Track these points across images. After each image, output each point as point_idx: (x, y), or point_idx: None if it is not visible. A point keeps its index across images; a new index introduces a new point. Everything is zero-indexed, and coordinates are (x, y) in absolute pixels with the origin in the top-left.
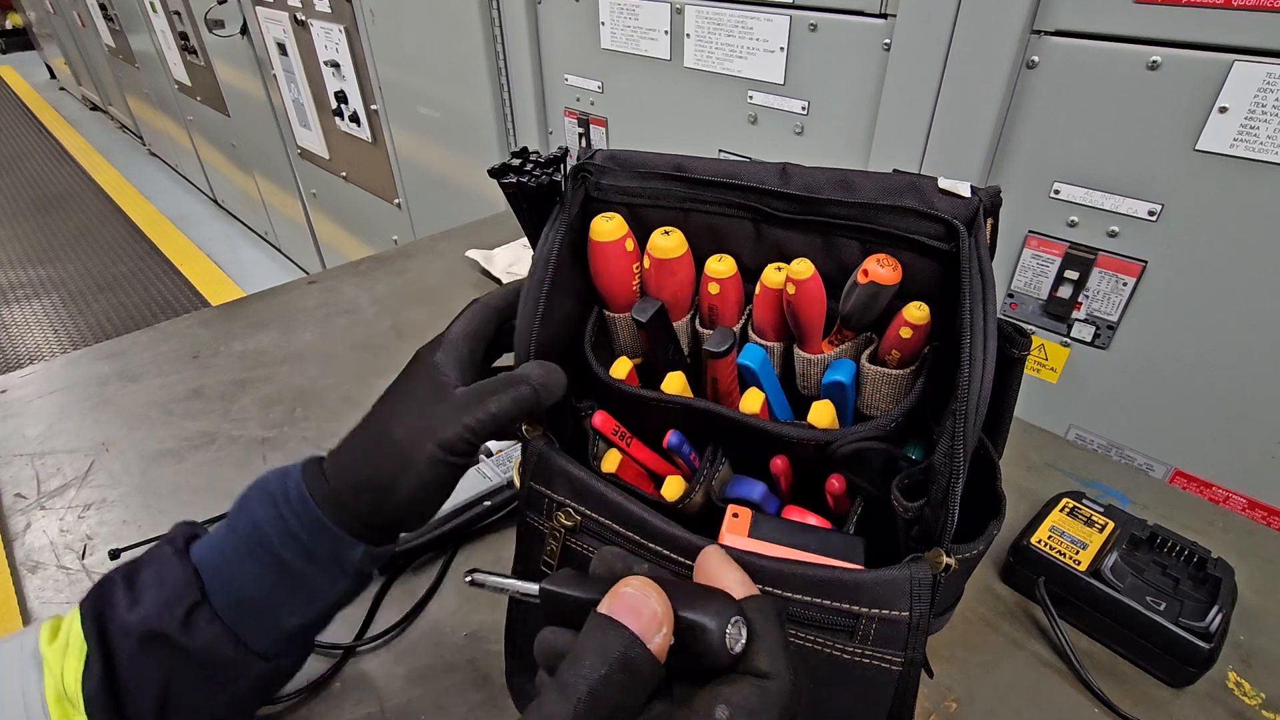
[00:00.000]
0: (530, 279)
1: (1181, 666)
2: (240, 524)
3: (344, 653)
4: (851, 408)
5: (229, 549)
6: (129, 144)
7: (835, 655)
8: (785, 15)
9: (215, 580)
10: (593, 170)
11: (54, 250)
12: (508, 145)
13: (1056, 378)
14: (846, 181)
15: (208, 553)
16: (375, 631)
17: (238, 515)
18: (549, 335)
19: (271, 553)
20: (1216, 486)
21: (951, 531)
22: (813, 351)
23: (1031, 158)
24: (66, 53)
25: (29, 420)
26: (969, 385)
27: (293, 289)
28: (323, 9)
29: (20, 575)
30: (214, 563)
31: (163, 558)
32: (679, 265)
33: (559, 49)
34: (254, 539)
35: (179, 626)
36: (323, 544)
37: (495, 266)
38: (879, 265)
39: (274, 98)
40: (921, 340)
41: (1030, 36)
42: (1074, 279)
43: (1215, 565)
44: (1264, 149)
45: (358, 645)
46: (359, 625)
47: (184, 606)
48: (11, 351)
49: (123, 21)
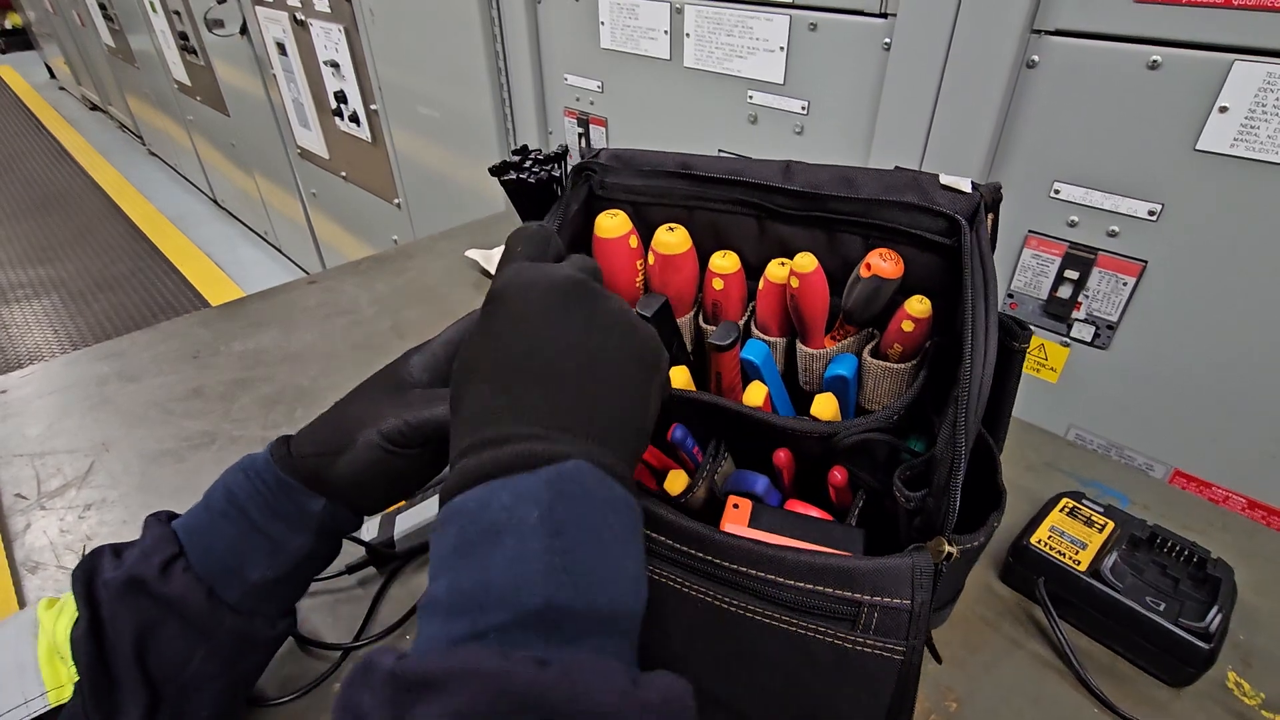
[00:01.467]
0: None
1: (1181, 667)
2: (215, 494)
3: (343, 653)
4: (853, 402)
5: (203, 513)
6: (129, 144)
7: (837, 644)
8: (785, 15)
9: (190, 538)
10: (597, 169)
11: (54, 250)
12: (508, 145)
13: (1056, 378)
14: (849, 178)
15: (186, 519)
16: (375, 631)
17: (213, 489)
18: None
19: (240, 509)
20: (1216, 486)
21: (954, 520)
22: (815, 346)
23: (1031, 157)
24: (66, 52)
25: (29, 420)
26: (970, 373)
27: (293, 289)
28: (323, 9)
29: (20, 575)
30: (190, 525)
31: (145, 525)
32: (683, 261)
33: (559, 49)
34: (226, 500)
35: (156, 574)
36: (284, 499)
37: (495, 266)
38: (881, 260)
39: (274, 97)
40: (923, 334)
41: (1030, 36)
42: (1074, 279)
43: (1215, 565)
44: (1264, 149)
45: (357, 645)
46: (358, 625)
47: (162, 556)
48: (11, 351)
49: (122, 21)
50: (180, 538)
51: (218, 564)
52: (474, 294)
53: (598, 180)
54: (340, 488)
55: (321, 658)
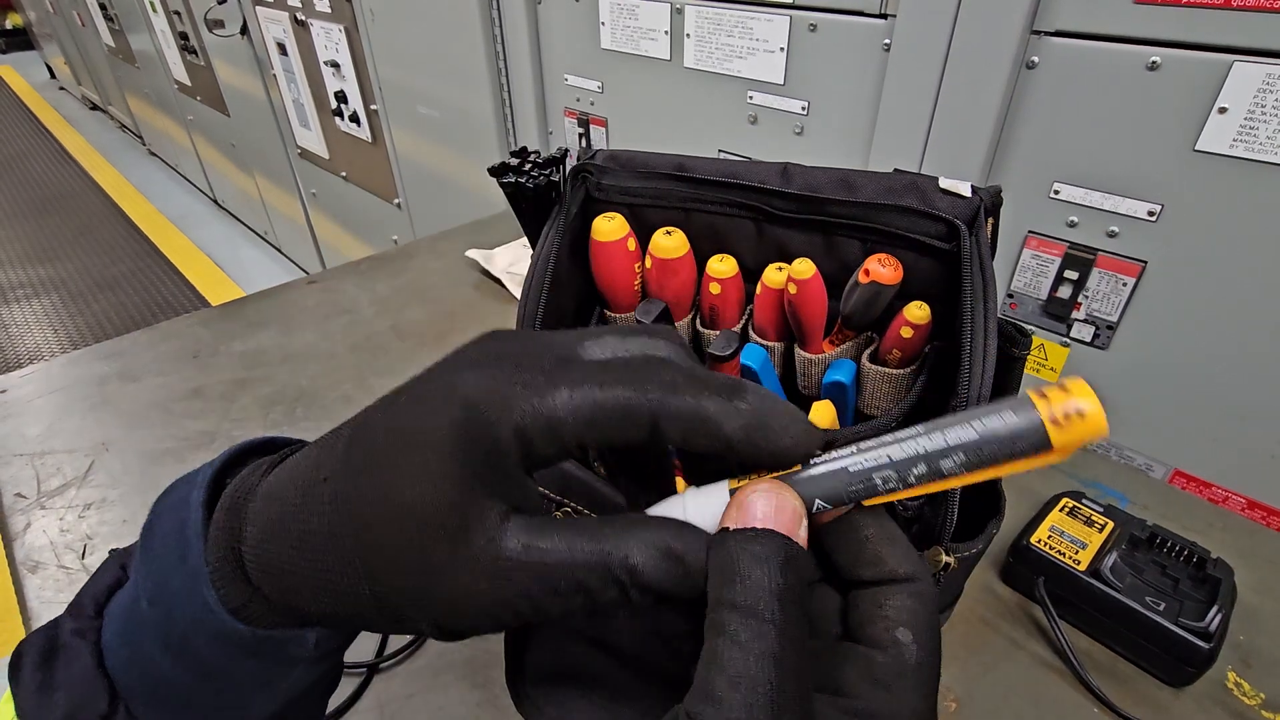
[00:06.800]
0: (530, 279)
1: (1181, 666)
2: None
3: (368, 670)
4: (852, 407)
5: (135, 628)
6: (129, 144)
7: None
8: (785, 15)
9: (127, 678)
10: (594, 170)
11: (54, 250)
12: (508, 145)
13: (1056, 378)
14: (848, 181)
15: (116, 637)
16: (396, 646)
17: (142, 564)
18: None
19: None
20: (1216, 486)
21: (951, 529)
22: (814, 351)
23: (1031, 158)
24: (66, 52)
25: (29, 420)
26: (969, 383)
27: (293, 289)
28: (323, 9)
29: (20, 575)
30: (124, 655)
31: (71, 650)
32: (681, 265)
33: (559, 49)
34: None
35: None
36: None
37: (495, 266)
38: (880, 265)
39: (274, 98)
40: (922, 340)
41: (1030, 37)
42: (1074, 279)
43: (1215, 565)
44: (1264, 149)
45: (380, 661)
46: (378, 641)
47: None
48: (11, 351)
49: (122, 21)
50: (112, 676)
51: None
52: (474, 294)
53: (594, 182)
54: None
55: (347, 676)
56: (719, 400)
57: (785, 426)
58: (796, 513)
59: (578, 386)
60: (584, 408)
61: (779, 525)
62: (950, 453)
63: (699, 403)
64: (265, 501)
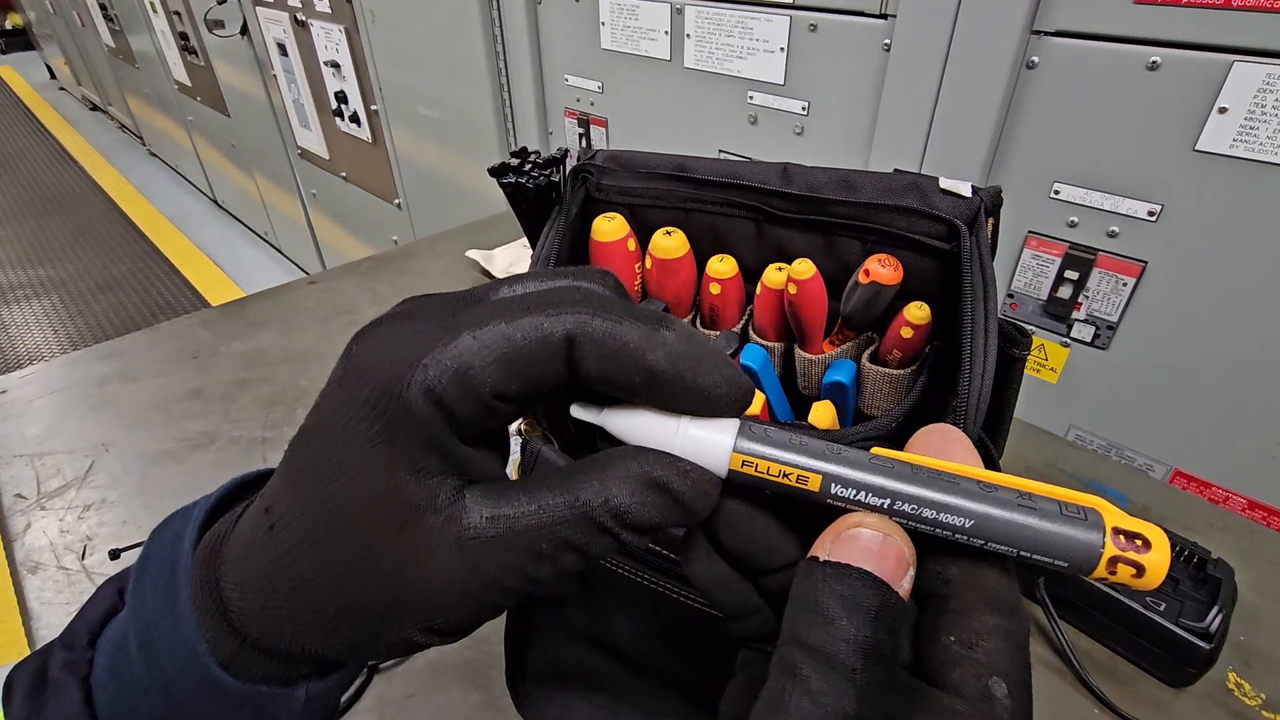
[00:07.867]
0: None
1: (1181, 667)
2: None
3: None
4: (852, 408)
5: (123, 667)
6: (129, 144)
7: None
8: (785, 15)
9: (113, 714)
10: (593, 171)
11: (54, 250)
12: (508, 145)
13: (1056, 378)
14: (848, 181)
15: (105, 672)
16: None
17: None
18: None
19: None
20: (1216, 486)
21: None
22: (814, 352)
23: (1031, 158)
24: (66, 53)
25: (29, 420)
26: (969, 384)
27: (293, 289)
28: (323, 9)
29: (20, 575)
30: (111, 690)
31: (59, 686)
32: (681, 265)
33: (559, 49)
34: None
35: None
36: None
37: (495, 266)
38: (880, 265)
39: (274, 98)
40: (923, 340)
41: (1030, 37)
42: (1074, 279)
43: (1215, 565)
44: (1264, 149)
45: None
46: None
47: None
48: (11, 351)
49: (123, 21)
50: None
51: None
52: None
53: (594, 182)
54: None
55: None
56: (642, 326)
57: (716, 364)
58: (903, 559)
59: (483, 325)
60: (491, 346)
61: (881, 570)
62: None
63: (620, 326)
64: (234, 545)
